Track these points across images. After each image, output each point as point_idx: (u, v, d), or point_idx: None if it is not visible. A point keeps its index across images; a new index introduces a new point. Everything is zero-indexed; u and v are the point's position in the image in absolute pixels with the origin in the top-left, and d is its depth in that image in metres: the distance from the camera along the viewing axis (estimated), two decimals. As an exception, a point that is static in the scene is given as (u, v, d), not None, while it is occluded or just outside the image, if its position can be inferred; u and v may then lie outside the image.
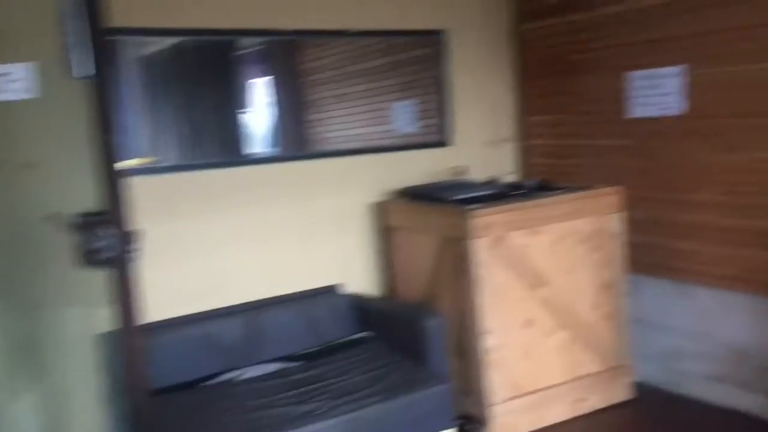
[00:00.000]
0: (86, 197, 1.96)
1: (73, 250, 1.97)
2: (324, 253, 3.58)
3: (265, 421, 2.66)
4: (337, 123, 3.75)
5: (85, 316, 2.31)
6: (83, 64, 1.87)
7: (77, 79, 1.87)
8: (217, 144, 3.39)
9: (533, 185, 3.53)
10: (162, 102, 3.20)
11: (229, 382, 3.04)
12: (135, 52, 3.06)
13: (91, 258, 1.96)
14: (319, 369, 3.12)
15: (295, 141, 3.61)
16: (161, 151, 3.20)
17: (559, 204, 3.26)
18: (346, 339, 3.39)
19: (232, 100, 3.40)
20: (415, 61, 3.86)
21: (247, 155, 3.42)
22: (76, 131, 1.98)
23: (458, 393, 3.13)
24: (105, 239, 1.94)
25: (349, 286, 3.60)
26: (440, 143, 3.91)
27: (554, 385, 3.29)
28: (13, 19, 2.04)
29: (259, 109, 3.46)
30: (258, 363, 3.20)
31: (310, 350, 3.32)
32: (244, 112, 3.42)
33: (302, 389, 2.92)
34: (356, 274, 3.66)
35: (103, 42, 1.88)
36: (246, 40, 3.42)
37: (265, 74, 3.49)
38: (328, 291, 3.52)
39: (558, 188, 3.46)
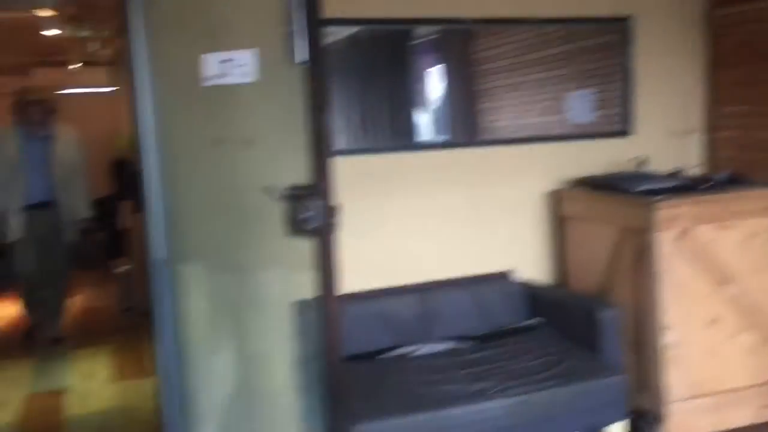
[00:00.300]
0: (296, 172, 2.15)
1: (284, 220, 2.18)
2: (496, 238, 3.62)
3: (440, 396, 2.76)
4: (509, 112, 3.77)
5: (287, 281, 2.53)
6: (302, 51, 2.05)
7: (296, 64, 2.05)
8: (392, 130, 3.54)
9: (723, 178, 3.35)
10: (340, 88, 3.38)
11: (404, 356, 3.18)
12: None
13: (299, 227, 2.15)
14: (489, 351, 3.18)
15: (469, 128, 3.68)
16: (338, 135, 3.39)
17: (752, 198, 3.08)
18: (517, 325, 3.43)
19: (407, 88, 3.53)
20: (596, 48, 3.79)
21: (422, 141, 3.54)
22: (289, 112, 2.18)
23: (632, 388, 3.06)
24: (312, 210, 2.13)
25: (520, 272, 3.62)
26: (621, 133, 3.80)
27: (738, 388, 3.12)
28: (239, 10, 2.28)
29: (432, 97, 3.56)
30: (430, 341, 3.32)
31: (481, 333, 3.39)
32: (418, 100, 3.54)
33: (474, 369, 3.00)
34: (528, 261, 3.67)
35: (320, 31, 2.05)
36: (421, 29, 3.52)
37: (438, 63, 3.58)
38: (501, 276, 3.56)
39: (751, 182, 3.26)
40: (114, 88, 10.36)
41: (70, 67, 8.75)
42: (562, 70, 3.75)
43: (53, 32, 6.61)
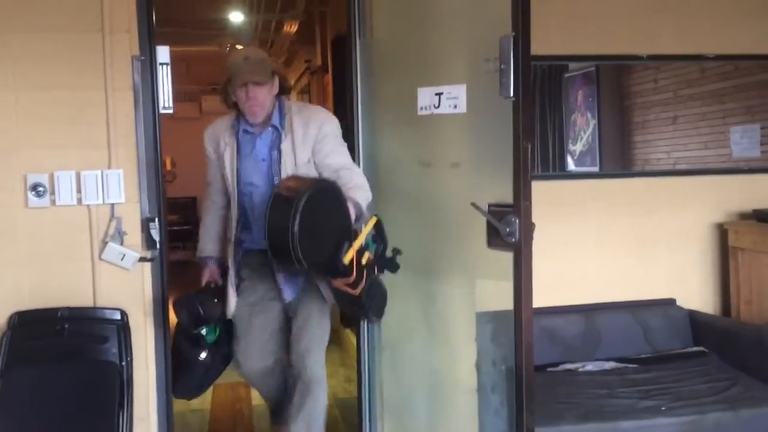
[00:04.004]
0: (495, 192, 2.42)
1: (485, 233, 2.45)
2: (660, 266, 3.74)
3: (609, 408, 2.93)
4: (666, 144, 3.88)
5: (475, 290, 2.79)
6: (510, 86, 2.32)
7: (503, 98, 2.33)
8: (543, 158, 3.74)
9: None
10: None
11: (571, 371, 3.36)
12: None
13: (500, 240, 2.41)
14: (654, 373, 3.30)
15: (621, 159, 3.83)
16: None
17: None
18: (681, 351, 3.52)
19: (560, 119, 3.72)
20: (763, 84, 3.84)
21: (574, 171, 3.73)
22: (492, 140, 2.46)
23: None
24: (512, 226, 2.39)
25: (683, 301, 3.71)
26: (791, 168, 3.83)
27: None
28: (452, 50, 2.61)
29: (585, 128, 3.75)
30: (594, 360, 3.47)
31: (644, 356, 3.51)
32: (571, 131, 3.72)
33: (641, 388, 3.13)
34: (692, 290, 3.75)
35: (528, 68, 2.33)
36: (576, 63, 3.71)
37: (592, 95, 3.75)
38: (665, 303, 3.67)
39: None
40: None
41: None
42: (726, 105, 3.84)
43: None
